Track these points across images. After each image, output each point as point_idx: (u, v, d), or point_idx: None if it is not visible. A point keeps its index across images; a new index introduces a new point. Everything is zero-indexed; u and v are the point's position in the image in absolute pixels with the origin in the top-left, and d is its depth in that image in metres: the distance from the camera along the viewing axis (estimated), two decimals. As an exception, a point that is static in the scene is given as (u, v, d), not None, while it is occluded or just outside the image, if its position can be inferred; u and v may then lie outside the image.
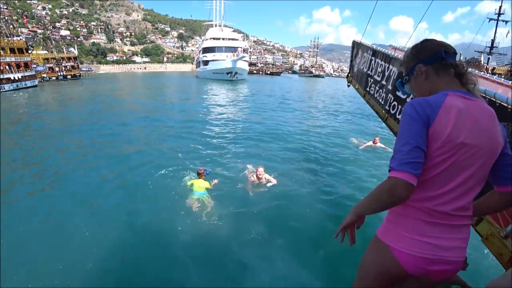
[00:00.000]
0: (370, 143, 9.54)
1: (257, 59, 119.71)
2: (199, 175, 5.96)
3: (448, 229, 1.10)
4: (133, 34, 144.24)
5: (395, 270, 1.15)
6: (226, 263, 3.96)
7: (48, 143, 9.72)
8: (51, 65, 47.64)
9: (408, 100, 3.17)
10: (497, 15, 35.14)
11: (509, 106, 1.77)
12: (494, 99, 1.88)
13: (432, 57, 1.16)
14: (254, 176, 6.17)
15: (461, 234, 1.12)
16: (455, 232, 1.11)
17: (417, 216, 1.11)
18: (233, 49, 51.45)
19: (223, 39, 56.13)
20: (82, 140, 10.08)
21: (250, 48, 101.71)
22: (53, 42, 58.89)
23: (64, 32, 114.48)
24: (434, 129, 1.02)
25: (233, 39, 57.13)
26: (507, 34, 32.97)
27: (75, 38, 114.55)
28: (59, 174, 7.01)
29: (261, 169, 6.17)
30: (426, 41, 1.23)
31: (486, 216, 1.82)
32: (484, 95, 1.97)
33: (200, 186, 5.71)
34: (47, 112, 17.86)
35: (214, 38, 56.59)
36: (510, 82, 2.65)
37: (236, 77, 47.87)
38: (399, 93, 3.44)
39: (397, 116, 3.43)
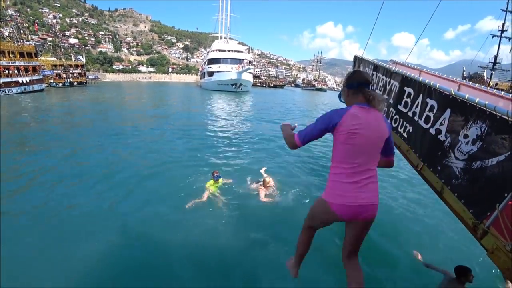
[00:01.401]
0: None
1: (260, 72, 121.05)
2: (212, 175, 6.27)
3: (363, 184, 1.75)
4: (139, 44, 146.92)
5: (333, 216, 1.80)
6: (228, 268, 3.94)
7: (55, 144, 9.78)
8: (59, 71, 48.43)
9: (409, 113, 3.19)
10: (500, 31, 35.60)
11: (510, 119, 1.77)
12: (494, 112, 1.89)
13: (351, 85, 1.89)
14: (261, 185, 6.21)
15: (371, 185, 1.78)
16: (367, 186, 1.76)
17: (342, 179, 1.76)
18: (238, 61, 52.05)
19: (228, 51, 56.86)
20: (87, 143, 10.16)
21: (254, 61, 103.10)
22: (62, 49, 60.01)
23: (72, 40, 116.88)
24: (341, 125, 1.74)
25: (238, 51, 57.86)
26: (510, 51, 33.24)
27: (83, 46, 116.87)
28: (65, 176, 7.02)
29: (268, 179, 6.24)
30: (354, 73, 1.94)
31: (491, 229, 1.79)
32: (484, 108, 1.99)
33: (209, 187, 6.05)
34: (52, 115, 18.08)
35: (219, 50, 57.36)
36: (511, 95, 2.66)
37: (241, 89, 48.25)
38: (400, 107, 3.46)
39: (399, 130, 3.43)
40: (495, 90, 3.13)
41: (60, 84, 47.16)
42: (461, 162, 2.12)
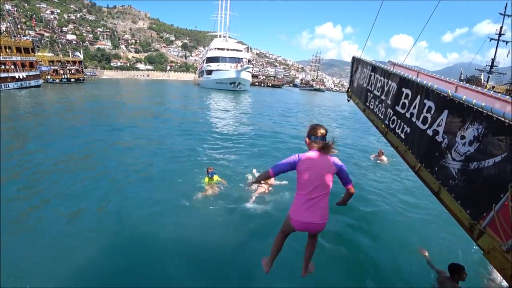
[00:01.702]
0: (375, 155, 9.63)
1: (259, 71, 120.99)
2: (207, 172, 6.35)
3: (312, 207, 2.36)
4: (138, 41, 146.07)
5: (291, 227, 2.47)
6: (225, 266, 3.95)
7: (52, 143, 9.71)
8: (56, 67, 48.11)
9: (406, 114, 3.20)
10: (498, 35, 35.90)
11: (506, 121, 1.78)
12: (491, 114, 1.90)
13: (310, 137, 2.54)
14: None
15: (318, 209, 2.37)
16: (314, 209, 2.37)
17: (299, 202, 2.41)
18: (237, 60, 52.03)
19: (227, 49, 56.79)
20: (83, 139, 10.10)
21: (253, 60, 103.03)
22: (60, 45, 59.65)
23: (70, 37, 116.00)
24: (299, 166, 2.43)
25: (237, 50, 57.83)
26: (507, 54, 33.51)
27: (81, 42, 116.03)
28: (62, 173, 6.98)
29: None
30: (313, 128, 2.56)
31: (487, 229, 1.80)
32: (481, 109, 2.00)
33: (204, 184, 6.18)
34: (48, 110, 17.94)
35: (218, 48, 57.27)
36: (507, 97, 2.67)
37: (239, 88, 48.23)
38: (398, 108, 3.47)
39: (397, 131, 3.44)
40: (492, 92, 3.14)
41: (57, 80, 46.88)
42: (458, 163, 2.13)
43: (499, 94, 2.99)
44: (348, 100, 6.44)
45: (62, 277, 3.61)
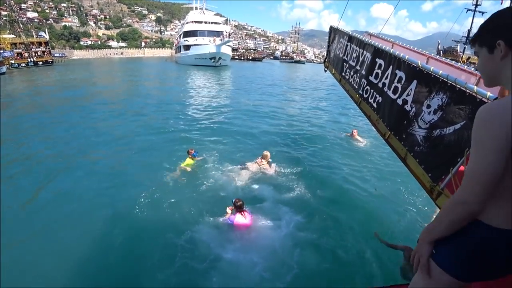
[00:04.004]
0: (349, 134, 9.76)
1: (238, 44, 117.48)
2: (188, 154, 6.40)
3: None
4: (108, 17, 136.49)
5: None
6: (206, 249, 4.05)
7: (33, 135, 9.30)
8: (20, 50, 44.52)
9: (379, 84, 3.29)
10: (474, 5, 36.28)
11: (467, 91, 1.90)
12: (454, 84, 2.01)
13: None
14: (261, 159, 6.38)
15: None
16: None
17: None
18: (216, 33, 49.88)
19: (205, 22, 54.17)
20: (57, 127, 9.74)
21: (232, 33, 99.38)
22: (21, 25, 54.83)
23: (31, 14, 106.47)
24: None
25: (215, 23, 55.35)
26: (483, 25, 34.30)
27: (45, 21, 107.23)
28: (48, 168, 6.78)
29: (266, 152, 6.42)
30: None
31: (445, 190, 1.97)
32: (446, 79, 2.10)
33: (187, 164, 6.26)
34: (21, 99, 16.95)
35: (195, 22, 54.45)
36: (472, 69, 2.80)
37: (220, 63, 46.70)
38: (371, 78, 3.55)
39: (369, 100, 3.54)
40: (459, 64, 3.27)
41: (23, 65, 43.52)
42: (423, 131, 2.27)
43: (465, 66, 3.12)
44: (325, 71, 6.48)
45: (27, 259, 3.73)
